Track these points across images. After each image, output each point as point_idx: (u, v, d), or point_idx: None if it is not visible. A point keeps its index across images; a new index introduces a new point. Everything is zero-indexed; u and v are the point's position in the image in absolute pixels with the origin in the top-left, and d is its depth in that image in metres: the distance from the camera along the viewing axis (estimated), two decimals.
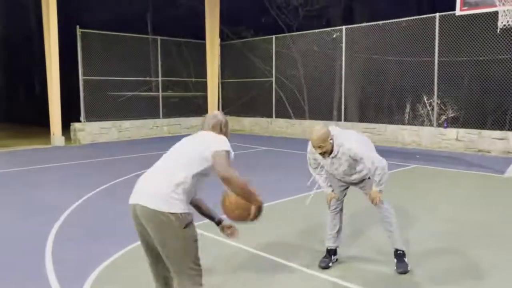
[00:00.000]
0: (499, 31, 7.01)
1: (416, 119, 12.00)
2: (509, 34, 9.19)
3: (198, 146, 2.50)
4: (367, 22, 12.74)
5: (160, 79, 15.02)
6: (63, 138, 12.29)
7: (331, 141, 3.46)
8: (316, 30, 14.21)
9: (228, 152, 2.46)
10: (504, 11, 6.80)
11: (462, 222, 5.07)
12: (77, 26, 12.59)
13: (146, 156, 10.13)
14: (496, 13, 7.08)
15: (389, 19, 11.88)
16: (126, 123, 13.76)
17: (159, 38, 14.92)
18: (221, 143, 2.50)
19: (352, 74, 13.57)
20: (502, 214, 5.38)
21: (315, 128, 3.51)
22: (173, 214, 2.31)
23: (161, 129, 14.70)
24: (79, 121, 12.75)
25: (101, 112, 13.07)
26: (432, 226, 4.88)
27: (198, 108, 16.18)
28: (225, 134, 2.69)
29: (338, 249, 3.90)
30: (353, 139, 3.54)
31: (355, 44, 13.08)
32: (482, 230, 4.75)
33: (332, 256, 3.85)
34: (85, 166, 9.02)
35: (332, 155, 3.52)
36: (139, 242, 2.58)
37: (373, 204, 3.62)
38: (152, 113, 14.62)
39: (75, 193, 6.41)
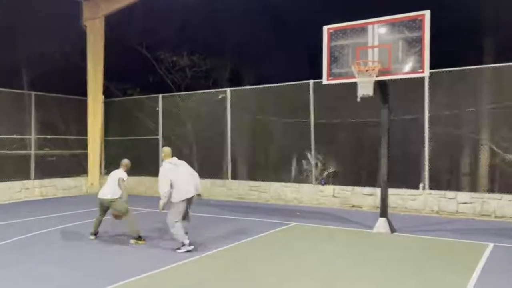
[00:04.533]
0: (359, 100, 7.79)
1: (298, 177, 12.56)
2: (374, 100, 10.27)
3: (116, 176, 7.28)
4: (254, 84, 13.40)
5: (33, 136, 13.74)
6: None
7: (162, 155, 6.93)
8: (202, 91, 14.49)
9: (122, 178, 7.23)
10: (362, 82, 7.62)
11: (331, 281, 5.18)
12: None
13: (5, 225, 8.89)
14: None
15: (274, 82, 12.62)
16: None
17: (33, 93, 13.84)
18: (123, 175, 7.30)
19: (239, 133, 13.94)
20: (364, 271, 5.65)
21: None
22: (117, 198, 7.23)
23: (32, 192, 13.24)
24: None
25: None
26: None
27: (79, 166, 15.04)
28: (127, 169, 7.49)
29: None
30: (162, 169, 6.70)
31: (240, 105, 13.56)
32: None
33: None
34: None
35: None
36: None
37: None
38: (21, 174, 13.15)
39: None
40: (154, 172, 14.73)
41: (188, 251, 6.46)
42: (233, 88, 13.63)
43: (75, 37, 15.23)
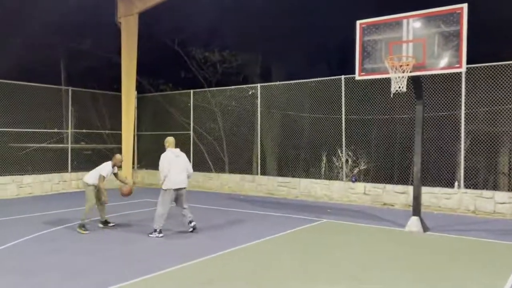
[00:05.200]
0: (392, 96, 7.64)
1: (328, 174, 12.45)
2: (407, 96, 10.07)
3: (99, 169, 7.71)
4: (283, 80, 13.36)
5: (70, 130, 14.22)
6: None
7: (166, 144, 7.64)
8: (233, 87, 14.57)
9: (102, 175, 7.60)
10: (395, 78, 7.47)
11: (361, 279, 5.13)
12: None
13: (45, 216, 9.25)
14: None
15: (305, 78, 12.53)
16: (28, 178, 12.67)
17: (70, 88, 14.31)
18: (102, 170, 7.67)
19: (269, 129, 13.95)
20: (394, 270, 5.55)
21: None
22: (90, 184, 7.77)
23: (69, 184, 13.72)
24: None
25: None
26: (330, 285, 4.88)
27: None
28: (116, 163, 7.89)
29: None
30: (163, 156, 7.43)
31: (270, 100, 13.56)
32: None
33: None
34: None
35: None
36: None
37: None
38: (59, 167, 13.66)
39: None
40: None
41: (157, 237, 7.21)
42: (263, 84, 13.63)
43: (110, 34, 15.60)
